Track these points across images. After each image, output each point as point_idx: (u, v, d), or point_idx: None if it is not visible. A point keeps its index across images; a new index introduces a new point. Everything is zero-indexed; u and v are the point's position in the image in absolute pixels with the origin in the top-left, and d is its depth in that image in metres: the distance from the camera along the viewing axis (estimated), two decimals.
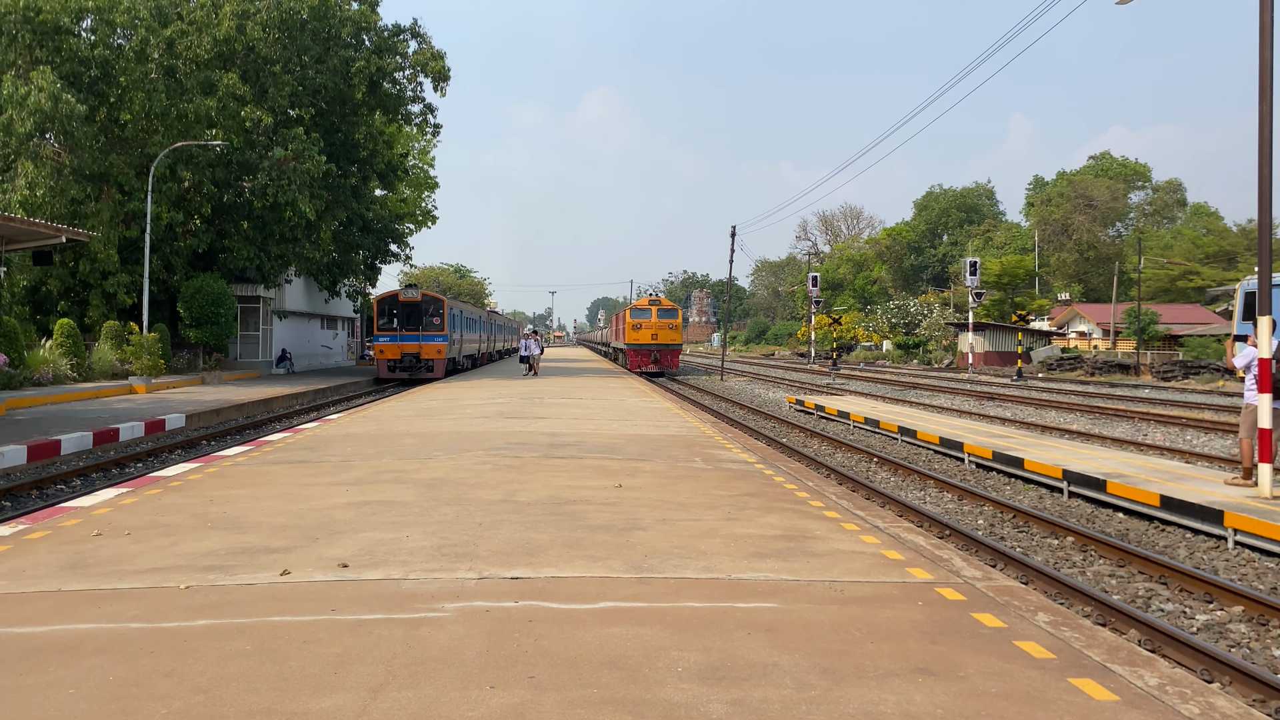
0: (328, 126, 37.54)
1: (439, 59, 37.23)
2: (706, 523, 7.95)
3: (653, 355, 46.25)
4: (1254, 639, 7.01)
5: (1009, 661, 4.74)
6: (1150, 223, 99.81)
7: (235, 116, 31.39)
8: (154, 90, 29.41)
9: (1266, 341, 10.57)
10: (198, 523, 7.78)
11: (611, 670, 4.48)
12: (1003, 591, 6.09)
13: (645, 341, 46.25)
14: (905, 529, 8.05)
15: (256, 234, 35.40)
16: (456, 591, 5.75)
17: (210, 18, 30.62)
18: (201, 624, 5.11)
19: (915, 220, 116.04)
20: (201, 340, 34.48)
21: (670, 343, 46.72)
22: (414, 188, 58.63)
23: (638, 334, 46.32)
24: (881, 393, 35.03)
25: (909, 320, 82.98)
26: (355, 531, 7.41)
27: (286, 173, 31.91)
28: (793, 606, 5.60)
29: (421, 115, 40.36)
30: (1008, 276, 72.94)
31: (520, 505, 8.57)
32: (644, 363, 46.31)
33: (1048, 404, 28.28)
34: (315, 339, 49.35)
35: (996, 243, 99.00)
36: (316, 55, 34.75)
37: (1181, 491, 10.90)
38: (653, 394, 26.23)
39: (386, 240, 48.82)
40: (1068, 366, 52.30)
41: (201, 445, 18.22)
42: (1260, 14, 10.57)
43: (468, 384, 30.82)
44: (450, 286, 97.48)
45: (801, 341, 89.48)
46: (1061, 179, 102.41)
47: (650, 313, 47.12)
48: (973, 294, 47.44)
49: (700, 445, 13.78)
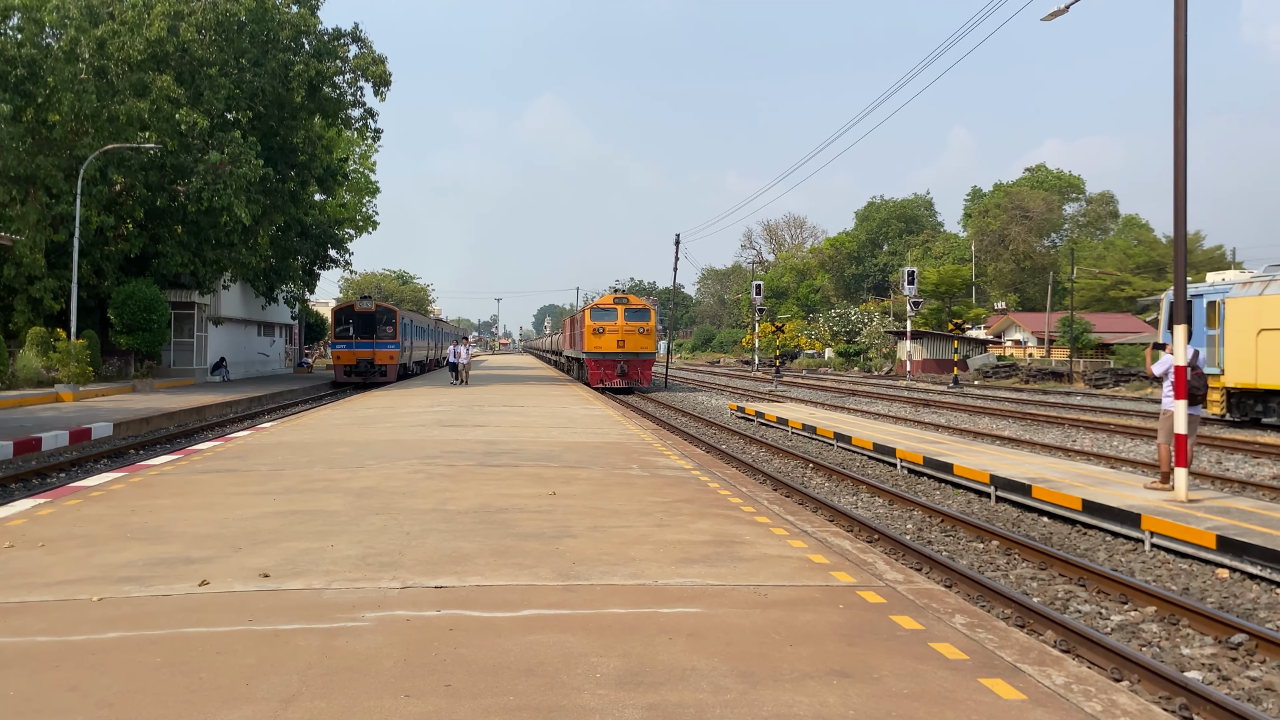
0: (266, 130, 36.96)
1: (380, 63, 36.91)
2: (638, 529, 7.98)
3: (619, 367, 37.71)
4: (1164, 638, 7.23)
5: (923, 663, 4.83)
6: (1084, 234, 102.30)
7: (169, 119, 30.74)
8: (84, 91, 28.69)
9: (1182, 349, 10.91)
10: (117, 533, 7.61)
11: (529, 677, 4.48)
12: (923, 594, 6.20)
13: (610, 350, 37.70)
14: (833, 533, 8.15)
15: (191, 239, 34.71)
16: (379, 601, 5.70)
17: (142, 18, 29.99)
18: (112, 636, 5.00)
19: (857, 230, 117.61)
20: (133, 347, 33.68)
21: (641, 351, 38.22)
22: (354, 193, 57.99)
23: (600, 340, 37.71)
24: (822, 399, 35.42)
25: (850, 328, 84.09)
26: (279, 541, 7.30)
27: (222, 177, 31.34)
28: (716, 611, 5.64)
29: (362, 120, 39.94)
30: (945, 286, 74.37)
31: (451, 514, 8.52)
32: (608, 376, 37.79)
33: (981, 410, 28.83)
34: (252, 346, 48.51)
35: (935, 253, 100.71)
36: (254, 58, 34.21)
37: (1103, 496, 11.19)
38: (595, 401, 26.22)
39: (326, 246, 48.14)
40: (1003, 374, 53.36)
41: (129, 454, 17.80)
42: (1175, 31, 10.92)
43: (408, 391, 30.52)
44: (392, 293, 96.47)
45: (746, 349, 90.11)
46: (999, 190, 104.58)
47: (616, 313, 38.26)
48: (911, 303, 48.21)
49: (639, 452, 13.81)
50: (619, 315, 38.19)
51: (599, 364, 37.87)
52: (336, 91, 37.59)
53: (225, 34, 32.90)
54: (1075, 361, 54.67)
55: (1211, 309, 23.54)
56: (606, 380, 37.66)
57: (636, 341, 38.11)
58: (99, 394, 28.08)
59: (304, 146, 39.14)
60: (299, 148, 38.93)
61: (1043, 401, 34.33)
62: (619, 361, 37.83)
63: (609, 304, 38.88)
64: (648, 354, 38.57)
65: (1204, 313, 23.80)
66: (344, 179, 49.15)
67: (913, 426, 23.37)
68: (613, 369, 37.84)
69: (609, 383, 37.65)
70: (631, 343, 38.01)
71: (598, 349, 37.84)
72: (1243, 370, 22.05)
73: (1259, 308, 21.57)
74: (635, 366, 38.21)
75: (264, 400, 30.95)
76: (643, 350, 38.32)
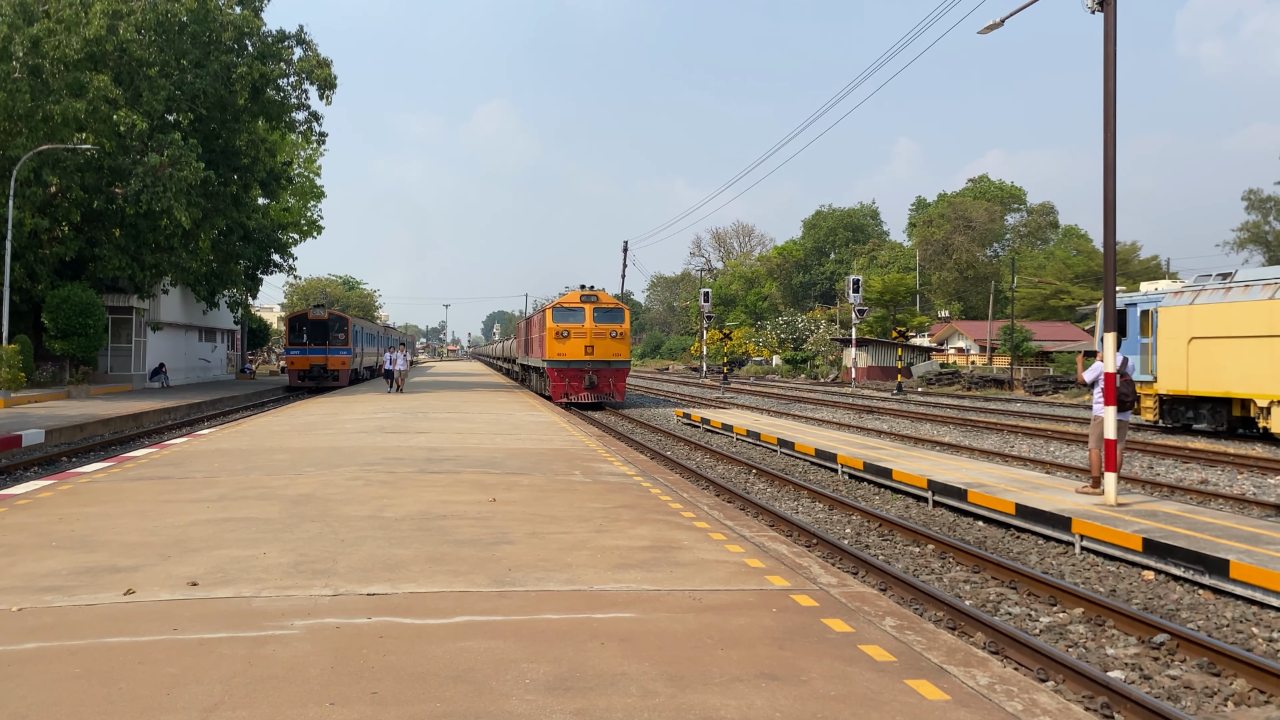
0: (207, 133, 36.33)
1: (325, 66, 36.46)
2: (576, 535, 7.98)
3: (587, 378, 31.86)
4: (1090, 639, 7.40)
5: (851, 665, 4.90)
6: (1025, 244, 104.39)
7: (107, 120, 30.05)
8: (17, 90, 27.97)
9: (1111, 357, 11.18)
10: (41, 542, 7.43)
11: (458, 684, 4.46)
12: (855, 597, 6.28)
13: (576, 358, 31.82)
14: (771, 538, 8.23)
15: (129, 242, 33.96)
16: (309, 609, 5.63)
17: (80, 16, 29.31)
18: (30, 647, 4.88)
19: (804, 239, 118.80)
20: (68, 352, 32.86)
21: (613, 359, 32.30)
22: (299, 197, 57.20)
23: (564, 345, 31.78)
24: (768, 406, 35.66)
25: (797, 336, 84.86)
26: (210, 549, 7.18)
27: (162, 179, 30.71)
28: (650, 616, 5.67)
29: (306, 123, 39.39)
30: (890, 294, 75.35)
31: (388, 521, 8.44)
32: (575, 389, 31.92)
33: (923, 417, 29.25)
34: (193, 351, 47.62)
35: (880, 261, 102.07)
36: (196, 59, 33.61)
37: (1037, 500, 11.43)
38: (541, 408, 26.14)
39: (269, 250, 47.41)
40: (946, 381, 54.21)
41: (60, 462, 17.36)
42: (1105, 45, 11.22)
43: (352, 398, 30.17)
44: (338, 298, 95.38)
45: (695, 356, 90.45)
46: (942, 200, 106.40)
47: (583, 313, 32.32)
48: (856, 311, 48.80)
49: (583, 459, 13.80)
50: (587, 316, 32.22)
51: (563, 374, 31.87)
52: (280, 94, 37.06)
53: (166, 34, 32.27)
54: (1016, 369, 55.71)
55: (1145, 318, 24.15)
56: (573, 394, 31.86)
57: (608, 347, 32.16)
58: (32, 400, 27.36)
59: (247, 150, 38.50)
60: (242, 151, 38.30)
61: (983, 408, 34.92)
62: (586, 371, 31.91)
63: (575, 302, 32.65)
64: (621, 362, 32.61)
65: (1138, 322, 24.41)
66: (288, 183, 48.45)
67: (855, 433, 23.64)
68: (579, 380, 31.90)
69: (575, 396, 31.86)
70: (602, 349, 32.04)
71: (561, 356, 31.80)
72: (1175, 378, 22.65)
73: (1190, 316, 22.17)
74: (606, 377, 32.26)
75: (204, 407, 30.38)
76: (615, 358, 32.36)
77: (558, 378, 32.01)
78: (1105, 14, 11.20)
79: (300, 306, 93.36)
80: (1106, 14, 11.20)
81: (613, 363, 32.38)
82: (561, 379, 32.01)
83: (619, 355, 32.54)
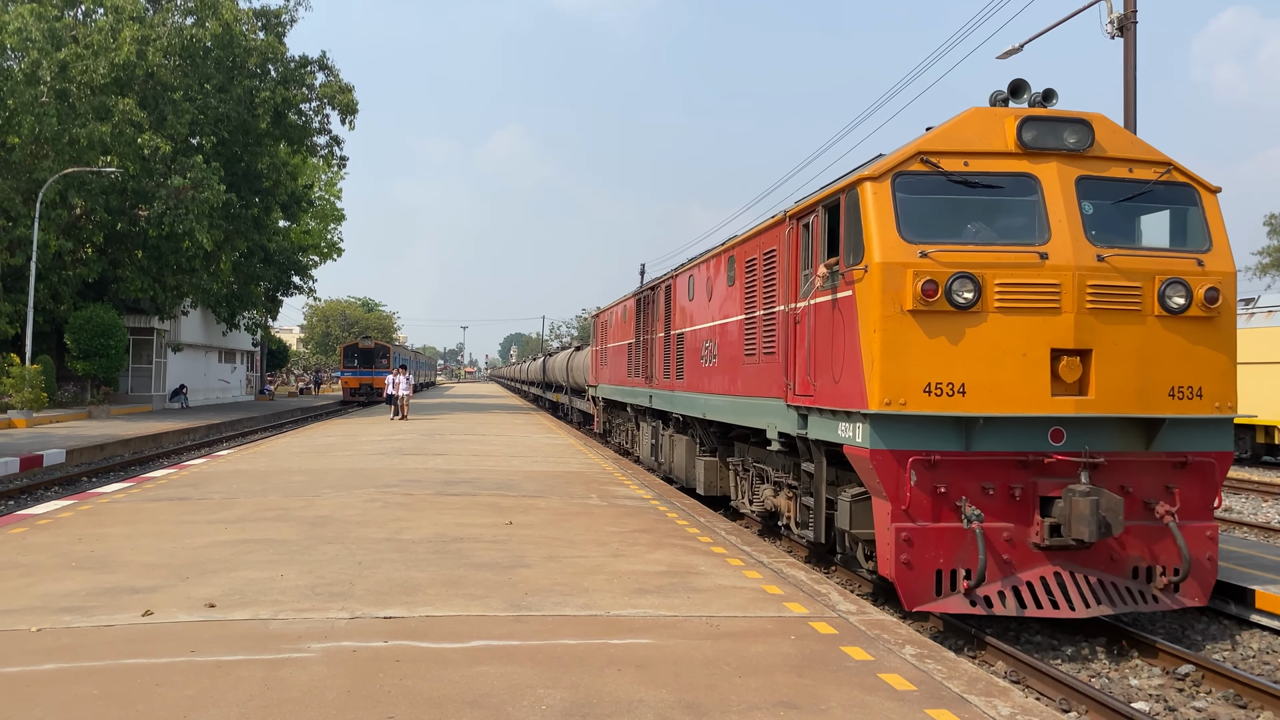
0: (229, 156, 36.71)
1: (347, 92, 36.83)
2: (593, 559, 7.94)
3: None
4: (1114, 669, 7.29)
5: (870, 694, 4.84)
6: None
7: (131, 143, 30.43)
8: (44, 114, 28.38)
9: None
10: (61, 562, 7.46)
11: (474, 709, 4.44)
12: (875, 625, 6.22)
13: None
14: (789, 564, 8.17)
15: (151, 264, 34.28)
16: (325, 631, 5.62)
17: (108, 42, 29.75)
18: (49, 668, 4.89)
19: None
20: (90, 373, 33.12)
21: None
22: (319, 219, 57.69)
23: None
24: None
25: None
26: (228, 570, 7.19)
27: (184, 202, 31.02)
28: (667, 642, 5.63)
29: (328, 147, 39.84)
30: None
31: (404, 543, 8.44)
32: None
33: None
34: (213, 373, 47.96)
35: None
36: (219, 84, 34.03)
37: None
38: (558, 430, 26.14)
39: (289, 272, 47.82)
40: None
41: (81, 482, 17.47)
42: (1125, 70, 11.22)
43: (371, 420, 30.26)
44: (357, 320, 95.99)
45: None
46: None
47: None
48: None
49: (599, 481, 13.78)
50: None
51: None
52: (302, 119, 37.44)
53: (190, 59, 32.73)
54: None
55: None
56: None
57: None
58: (54, 420, 27.58)
59: (268, 173, 38.88)
60: (263, 174, 38.67)
61: None
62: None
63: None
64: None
65: None
66: (309, 205, 48.88)
67: None
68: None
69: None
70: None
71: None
72: None
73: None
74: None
75: (223, 428, 30.54)
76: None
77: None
78: (1125, 39, 11.20)
79: (320, 327, 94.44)
80: (1126, 40, 11.19)
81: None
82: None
83: None
